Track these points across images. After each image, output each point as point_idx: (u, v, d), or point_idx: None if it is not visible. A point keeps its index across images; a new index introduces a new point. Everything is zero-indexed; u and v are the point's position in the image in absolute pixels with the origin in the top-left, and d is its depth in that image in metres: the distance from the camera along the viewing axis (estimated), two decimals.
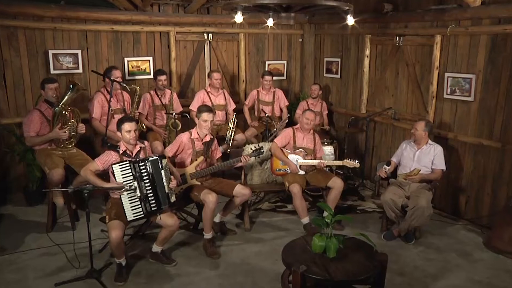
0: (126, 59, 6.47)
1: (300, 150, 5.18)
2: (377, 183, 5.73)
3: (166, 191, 4.03)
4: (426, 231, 5.04)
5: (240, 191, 4.68)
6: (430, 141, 4.98)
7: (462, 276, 4.17)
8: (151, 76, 6.58)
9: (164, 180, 4.02)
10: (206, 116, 4.55)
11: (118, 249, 3.87)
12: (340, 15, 4.21)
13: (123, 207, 3.92)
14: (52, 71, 5.86)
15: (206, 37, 6.97)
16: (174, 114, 5.86)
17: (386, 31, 6.24)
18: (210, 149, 4.76)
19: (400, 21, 5.98)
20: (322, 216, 4.55)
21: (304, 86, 7.86)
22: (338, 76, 7.29)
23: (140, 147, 4.21)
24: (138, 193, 3.95)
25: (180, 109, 6.22)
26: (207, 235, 4.52)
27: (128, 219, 3.92)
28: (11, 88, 5.69)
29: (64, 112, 4.77)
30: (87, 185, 3.72)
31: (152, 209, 3.98)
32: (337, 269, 3.26)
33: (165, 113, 6.04)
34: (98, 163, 4.08)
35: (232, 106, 6.64)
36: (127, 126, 4.02)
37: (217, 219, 4.91)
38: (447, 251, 4.64)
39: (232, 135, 6.11)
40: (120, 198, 3.94)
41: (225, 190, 4.68)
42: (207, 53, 7.07)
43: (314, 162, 5.09)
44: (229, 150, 5.69)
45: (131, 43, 6.50)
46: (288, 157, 5.15)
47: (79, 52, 6.07)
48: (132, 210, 3.95)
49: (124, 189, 3.85)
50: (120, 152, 4.09)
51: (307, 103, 6.87)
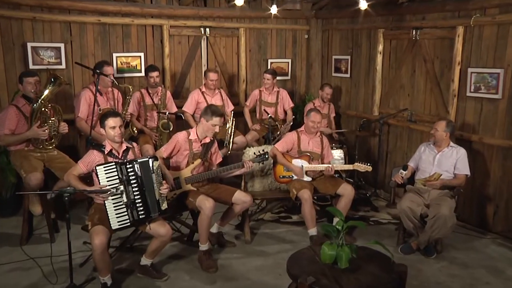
0: (114, 55, 6.38)
1: (306, 154, 5.05)
2: (393, 190, 5.60)
3: (157, 197, 3.90)
4: (448, 244, 4.87)
5: (240, 198, 4.55)
6: (452, 143, 4.85)
7: None
8: (143, 74, 6.48)
9: (154, 185, 3.89)
10: (217, 121, 4.45)
11: (102, 261, 3.72)
12: (350, 8, 4.10)
13: (107, 214, 3.77)
14: (31, 66, 5.75)
15: (203, 32, 6.90)
16: (167, 113, 5.73)
17: (401, 24, 6.16)
18: (210, 152, 4.65)
19: (417, 13, 5.89)
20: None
21: (310, 87, 7.77)
22: (348, 75, 7.21)
23: (127, 146, 4.09)
24: (124, 199, 3.81)
25: (175, 109, 6.11)
26: (203, 247, 4.38)
27: (113, 228, 3.79)
28: None
29: (44, 109, 4.64)
30: (68, 188, 3.58)
31: (140, 217, 3.84)
32: (349, 281, 3.11)
33: (156, 111, 5.91)
34: (81, 166, 3.95)
35: (230, 107, 6.54)
36: (111, 121, 3.90)
37: (214, 229, 4.77)
38: (475, 267, 4.46)
39: (232, 138, 5.98)
40: (104, 203, 3.79)
41: (223, 197, 4.56)
42: (204, 49, 7.00)
43: (321, 167, 4.98)
44: (229, 152, 5.55)
45: (120, 37, 6.42)
46: (292, 162, 5.02)
47: (61, 45, 5.97)
48: (117, 217, 3.81)
49: (109, 192, 3.70)
50: (105, 152, 3.96)
51: (313, 105, 6.75)
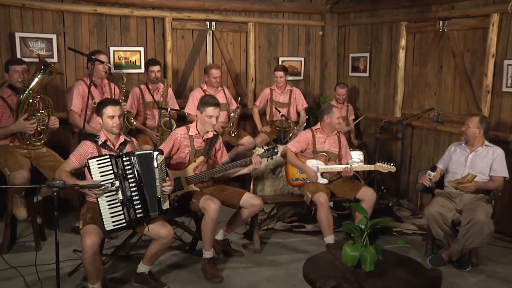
0: (112, 49, 6.30)
1: (321, 154, 4.93)
2: (419, 194, 5.45)
3: (158, 195, 3.77)
4: (485, 257, 4.69)
5: (249, 200, 4.42)
6: (486, 142, 4.69)
7: None
8: (142, 70, 6.40)
9: (156, 181, 3.77)
10: (212, 111, 4.35)
11: (93, 265, 3.57)
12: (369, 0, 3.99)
13: (101, 214, 3.64)
14: None
15: (208, 26, 6.84)
16: (169, 110, 5.63)
17: (427, 15, 6.07)
18: (214, 148, 4.53)
19: (444, 2, 5.80)
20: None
21: (325, 88, 7.67)
22: (367, 74, 7.12)
23: (125, 139, 3.98)
24: (120, 196, 3.68)
25: (177, 107, 6.01)
26: (207, 254, 4.25)
27: (107, 228, 3.65)
28: None
29: (32, 100, 4.54)
30: (57, 182, 3.44)
31: (138, 216, 3.70)
32: (375, 286, 2.94)
33: (157, 109, 5.82)
34: (73, 159, 3.85)
35: (233, 105, 6.48)
36: (109, 110, 3.81)
37: (219, 236, 4.64)
38: None
39: (235, 127, 6.06)
40: (97, 201, 3.66)
41: (230, 200, 4.43)
42: (209, 45, 6.93)
43: (339, 167, 4.86)
44: (237, 145, 5.46)
45: (118, 30, 6.36)
46: (307, 163, 4.91)
47: (53, 37, 5.90)
48: (111, 217, 3.67)
49: (103, 187, 3.57)
50: (99, 143, 3.85)
51: None
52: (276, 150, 4.63)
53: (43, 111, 4.62)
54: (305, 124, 6.35)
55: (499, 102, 5.28)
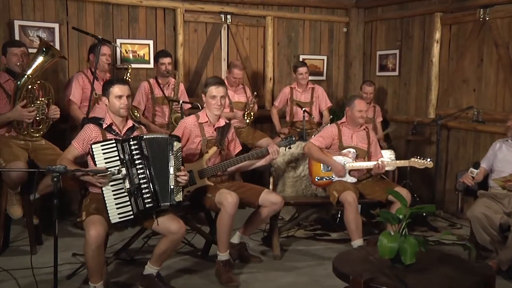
0: (118, 41, 6.27)
1: (348, 150, 4.83)
2: (460, 195, 5.24)
3: (171, 184, 3.66)
4: None
5: (269, 198, 4.30)
6: None
7: None
8: (151, 65, 6.38)
9: (171, 169, 3.68)
10: (214, 90, 4.26)
11: (96, 260, 3.46)
12: None
13: (106, 205, 3.54)
14: None
15: (223, 19, 6.83)
16: (180, 102, 5.56)
17: (465, 3, 6.00)
18: (226, 138, 4.44)
19: None
20: None
21: (349, 90, 7.57)
22: (396, 73, 7.05)
23: (133, 124, 3.91)
24: (126, 184, 3.58)
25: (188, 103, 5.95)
26: (222, 256, 4.11)
27: (112, 221, 3.54)
28: None
29: (30, 86, 4.47)
30: (57, 166, 3.34)
31: (146, 206, 3.58)
32: (417, 281, 2.78)
33: (167, 105, 5.77)
34: (75, 145, 3.77)
35: (255, 105, 6.46)
36: (117, 89, 3.73)
37: (235, 239, 4.52)
38: None
39: (252, 113, 6.13)
40: (102, 191, 3.55)
41: (247, 197, 4.31)
42: (224, 40, 6.92)
43: (368, 164, 4.75)
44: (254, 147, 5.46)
45: (126, 21, 6.35)
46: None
47: (56, 26, 5.88)
48: (117, 208, 3.56)
49: (109, 172, 3.48)
50: (104, 126, 3.77)
51: None
52: (294, 138, 4.51)
53: (42, 99, 4.55)
54: (328, 124, 6.22)
55: None
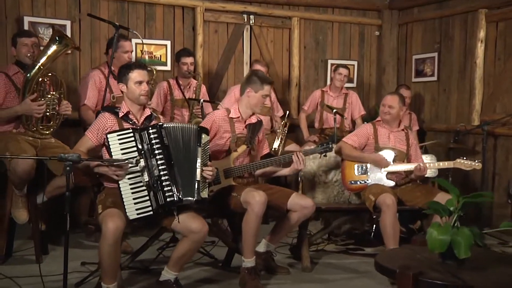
0: (134, 41, 6.23)
1: (387, 151, 4.79)
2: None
3: (197, 177, 3.64)
4: None
5: (299, 201, 4.24)
6: None
7: None
8: (168, 67, 6.45)
9: (198, 162, 3.68)
10: (268, 90, 4.38)
11: (112, 258, 3.41)
12: None
13: (123, 200, 3.53)
14: None
15: (246, 20, 6.89)
16: (201, 102, 5.60)
17: None
18: (256, 137, 4.43)
19: None
20: None
21: (382, 98, 7.40)
22: (435, 78, 7.04)
23: (151, 113, 3.90)
24: (145, 177, 3.56)
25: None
26: (248, 262, 4.05)
27: (130, 217, 3.52)
28: None
29: (41, 79, 4.51)
30: (71, 154, 3.33)
31: (167, 200, 3.54)
32: (473, 278, 2.68)
33: (187, 108, 5.79)
34: (89, 136, 3.77)
35: (279, 111, 6.50)
36: (136, 74, 3.73)
37: (261, 247, 4.45)
38: None
39: (282, 144, 5.86)
40: (118, 186, 3.54)
41: (275, 200, 4.26)
42: (246, 42, 6.97)
43: (409, 166, 4.71)
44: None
45: (142, 19, 6.43)
46: None
47: (67, 23, 5.96)
48: (135, 203, 3.54)
49: (127, 161, 3.47)
50: (120, 115, 3.77)
51: None
52: (331, 145, 4.48)
53: (54, 93, 4.58)
54: None
55: None
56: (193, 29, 6.62)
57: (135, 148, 3.57)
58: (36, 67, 4.46)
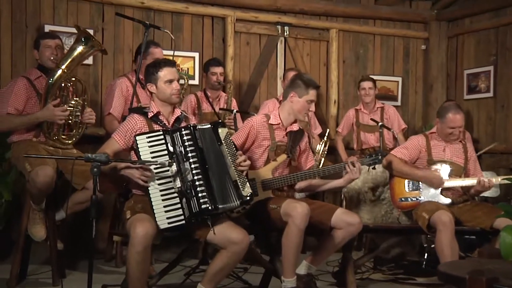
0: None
1: (442, 164, 4.74)
2: None
3: (233, 176, 3.65)
4: None
5: (344, 218, 4.16)
6: None
7: None
8: (196, 81, 6.54)
9: (228, 160, 3.67)
10: (314, 95, 4.34)
11: (140, 268, 3.39)
12: None
13: (153, 207, 3.51)
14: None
15: (280, 31, 6.98)
16: (234, 112, 5.64)
17: None
18: (298, 147, 4.41)
19: None
20: None
21: (429, 117, 7.54)
22: (490, 94, 7.07)
23: (182, 112, 3.95)
24: (177, 183, 3.55)
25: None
26: (289, 282, 3.98)
27: (161, 226, 3.49)
28: None
29: (64, 84, 4.57)
30: (98, 154, 3.34)
31: (202, 207, 3.50)
32: None
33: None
34: (117, 138, 3.79)
35: (317, 128, 6.53)
36: (166, 72, 3.77)
37: (302, 269, 4.33)
38: None
39: (321, 165, 5.90)
40: (148, 192, 3.54)
41: (317, 216, 4.17)
42: (280, 54, 7.06)
43: (469, 182, 4.65)
44: None
45: (169, 30, 6.43)
46: None
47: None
48: (166, 211, 3.52)
49: (159, 163, 3.48)
50: (149, 115, 3.80)
51: None
52: (380, 157, 4.42)
53: (77, 99, 4.64)
54: None
55: None
56: (223, 41, 6.72)
57: (165, 152, 3.58)
58: (60, 71, 4.53)
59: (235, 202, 3.61)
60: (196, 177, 3.54)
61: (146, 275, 3.52)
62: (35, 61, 5.02)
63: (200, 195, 3.51)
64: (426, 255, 5.30)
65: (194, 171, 3.55)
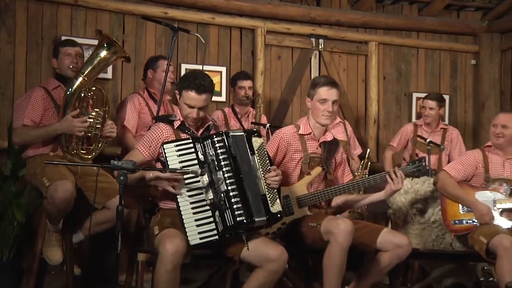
0: (184, 66, 6.55)
1: (500, 183, 4.70)
2: None
3: (262, 190, 3.66)
4: None
5: (391, 239, 4.13)
6: None
7: None
8: (223, 97, 6.60)
9: (258, 172, 3.69)
10: (325, 92, 4.27)
11: (171, 284, 3.42)
12: None
13: (183, 222, 3.54)
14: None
15: (314, 44, 7.06)
16: (267, 127, 5.72)
17: None
18: (333, 159, 4.41)
19: None
20: None
21: (481, 139, 7.49)
22: None
23: (211, 121, 4.03)
24: (210, 194, 3.59)
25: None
26: None
27: (192, 242, 3.51)
28: None
29: (83, 94, 4.64)
30: (124, 161, 3.39)
31: (237, 219, 3.52)
32: None
33: None
34: (141, 149, 3.85)
35: (357, 149, 6.57)
36: (190, 95, 3.79)
37: None
38: None
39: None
40: (178, 206, 3.57)
41: (361, 237, 4.15)
42: (314, 69, 7.13)
43: None
44: None
45: (194, 42, 6.65)
46: (475, 195, 4.69)
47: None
48: (197, 225, 3.55)
49: (191, 172, 3.53)
50: (175, 125, 3.87)
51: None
52: (424, 164, 4.41)
53: (98, 110, 4.70)
54: None
55: None
56: (252, 54, 6.80)
57: (196, 161, 3.63)
58: (80, 79, 4.62)
59: (264, 217, 3.62)
60: (230, 187, 3.58)
61: None
62: (52, 73, 5.17)
63: (235, 206, 3.54)
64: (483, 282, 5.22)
65: (227, 181, 3.59)
